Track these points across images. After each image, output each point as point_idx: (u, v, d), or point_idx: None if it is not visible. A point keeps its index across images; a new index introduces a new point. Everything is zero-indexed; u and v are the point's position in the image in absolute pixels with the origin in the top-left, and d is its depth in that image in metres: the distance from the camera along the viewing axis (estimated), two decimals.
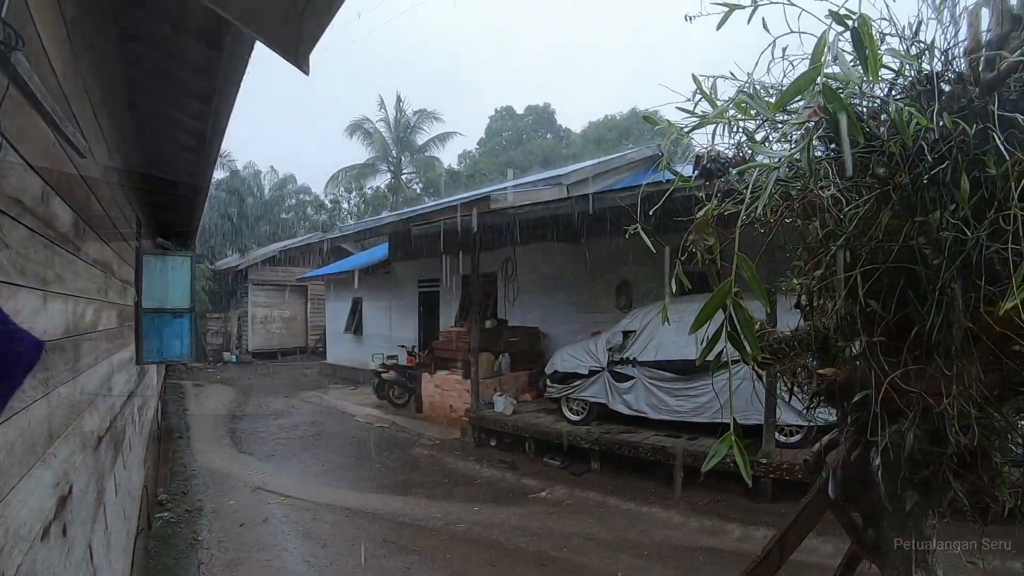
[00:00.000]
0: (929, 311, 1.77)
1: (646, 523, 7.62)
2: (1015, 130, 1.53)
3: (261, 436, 12.90)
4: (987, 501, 2.12)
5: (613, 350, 10.17)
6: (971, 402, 1.81)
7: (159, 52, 3.87)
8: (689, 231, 1.94)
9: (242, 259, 29.31)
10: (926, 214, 1.71)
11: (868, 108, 1.86)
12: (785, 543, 2.75)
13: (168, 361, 7.60)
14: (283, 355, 28.71)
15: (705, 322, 1.54)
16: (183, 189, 6.79)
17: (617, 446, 9.50)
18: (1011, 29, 1.75)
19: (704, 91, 2.05)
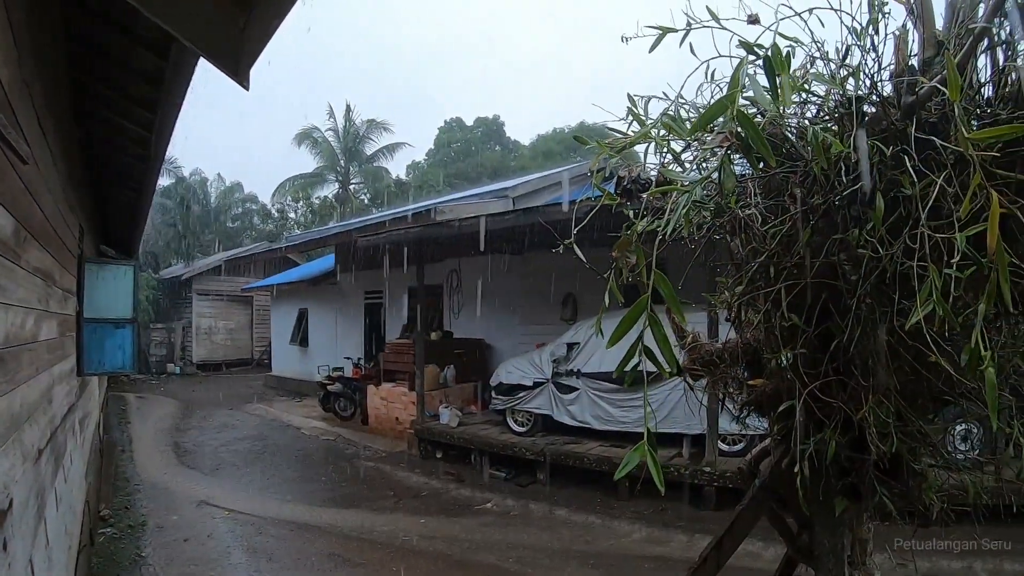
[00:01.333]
0: (848, 324, 1.83)
1: (593, 533, 7.67)
2: (932, 152, 1.59)
3: (205, 450, 12.65)
4: (915, 505, 2.21)
5: (557, 362, 10.25)
6: (889, 412, 1.88)
7: (107, 59, 3.81)
8: (613, 248, 1.98)
9: (187, 268, 28.67)
10: (846, 231, 1.78)
11: (796, 128, 1.93)
12: (721, 549, 2.80)
13: (110, 372, 7.39)
14: (228, 367, 28.10)
15: (620, 338, 1.57)
16: (127, 196, 6.64)
17: (563, 457, 9.56)
18: (935, 54, 1.82)
19: (634, 111, 2.09)
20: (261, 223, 40.69)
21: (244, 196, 41.31)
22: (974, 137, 1.37)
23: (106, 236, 8.84)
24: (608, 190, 2.34)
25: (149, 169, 5.69)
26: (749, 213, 1.89)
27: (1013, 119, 1.58)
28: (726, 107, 1.46)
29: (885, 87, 1.89)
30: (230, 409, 17.75)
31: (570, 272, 11.38)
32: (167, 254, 31.44)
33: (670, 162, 2.18)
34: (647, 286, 1.58)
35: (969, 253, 1.40)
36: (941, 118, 1.68)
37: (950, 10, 1.91)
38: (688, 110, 2.05)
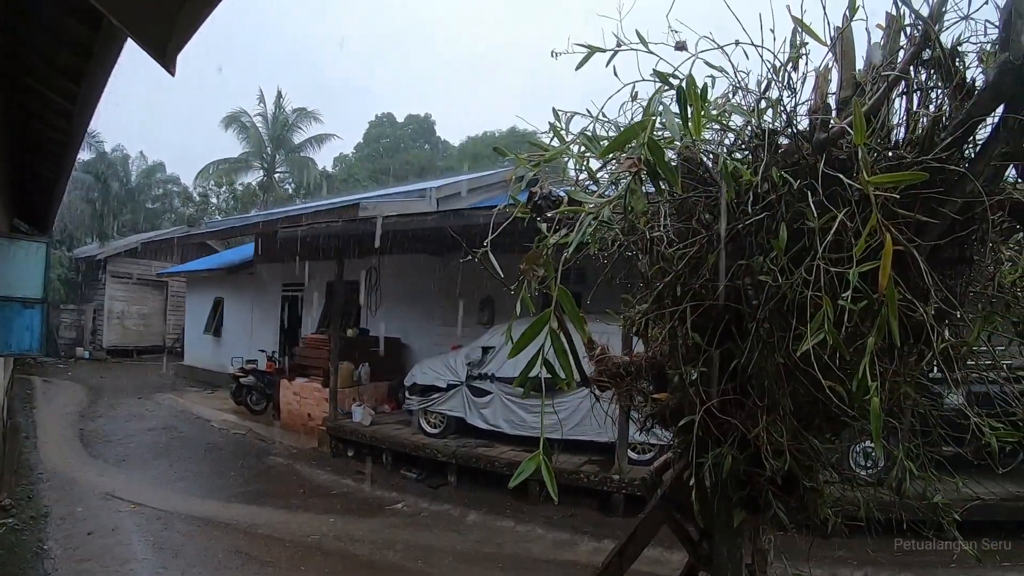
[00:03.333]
0: (748, 346, 1.88)
1: (502, 536, 7.71)
2: (838, 188, 1.64)
3: (113, 439, 12.17)
4: (811, 519, 2.29)
5: (472, 365, 10.28)
6: (783, 431, 1.94)
7: (34, 23, 3.60)
8: (522, 261, 1.98)
9: (102, 248, 27.22)
10: (751, 258, 1.82)
11: (711, 154, 1.97)
12: (624, 555, 2.86)
13: (16, 354, 7.01)
14: (139, 353, 26.87)
15: (522, 349, 1.59)
16: (45, 169, 6.28)
17: (474, 460, 9.58)
18: (852, 94, 1.88)
19: (557, 125, 2.11)
20: (181, 206, 39.21)
21: (166, 177, 39.87)
22: (874, 181, 1.43)
23: (20, 210, 8.34)
24: (522, 201, 2.35)
25: (70, 143, 5.45)
26: (657, 235, 1.92)
27: (917, 163, 1.66)
28: (638, 133, 1.48)
29: (801, 122, 1.95)
30: (140, 398, 17.09)
31: (488, 276, 11.34)
32: (82, 232, 29.73)
33: (586, 179, 2.21)
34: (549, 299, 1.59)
35: (861, 288, 1.45)
36: (850, 156, 1.74)
37: (870, 54, 1.97)
38: (608, 128, 2.08)
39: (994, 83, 1.64)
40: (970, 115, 1.68)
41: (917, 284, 1.60)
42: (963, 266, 1.85)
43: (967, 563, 6.29)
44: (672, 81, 1.65)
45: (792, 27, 1.91)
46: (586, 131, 2.00)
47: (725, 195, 1.83)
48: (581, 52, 2.02)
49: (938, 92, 1.84)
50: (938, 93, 1.84)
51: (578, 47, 2.02)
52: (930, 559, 6.50)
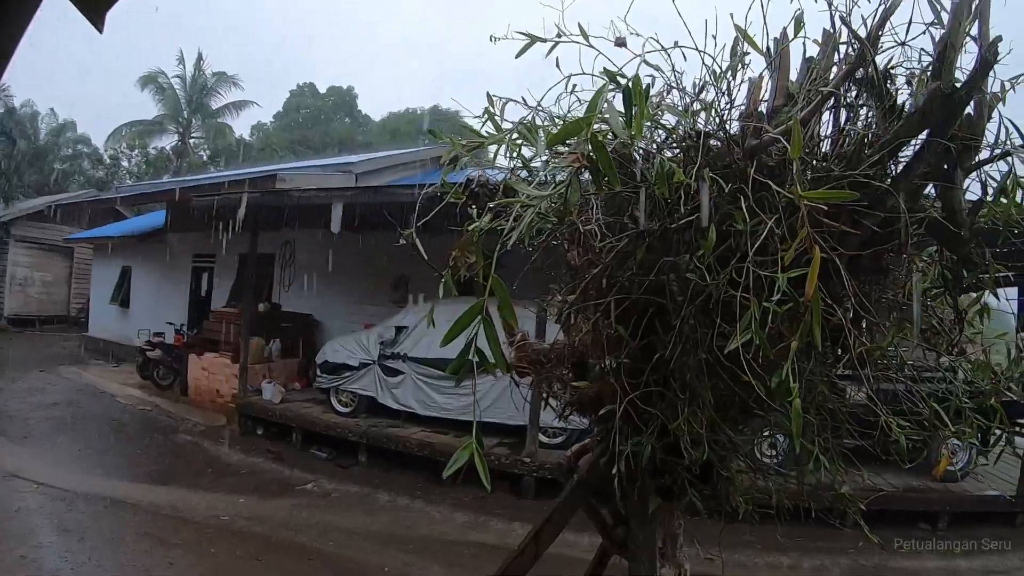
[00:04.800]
0: (672, 341, 1.93)
1: (413, 517, 7.72)
2: (766, 193, 1.70)
3: (13, 415, 11.49)
4: (723, 505, 2.40)
5: (385, 344, 10.19)
6: (702, 422, 2.00)
7: None
8: (454, 247, 1.97)
9: (6, 210, 25.38)
10: (678, 255, 1.86)
11: (644, 151, 2.00)
12: (540, 539, 2.88)
13: None
14: (42, 323, 25.18)
15: (454, 337, 1.59)
16: None
17: (385, 440, 9.54)
18: (784, 104, 1.96)
19: (491, 112, 2.10)
20: (92, 169, 36.91)
21: (76, 137, 37.28)
22: (807, 195, 1.48)
23: None
24: (454, 184, 2.33)
25: None
26: (589, 228, 1.94)
27: (844, 176, 1.75)
28: (581, 128, 1.49)
29: (734, 126, 2.01)
30: (42, 371, 16.09)
31: (404, 255, 11.21)
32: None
33: (520, 167, 2.21)
34: (484, 287, 1.58)
35: (788, 293, 1.51)
36: (779, 164, 1.81)
37: (805, 66, 2.06)
38: (544, 119, 2.08)
39: (923, 108, 1.73)
40: (897, 135, 1.78)
41: (836, 290, 1.68)
42: (878, 275, 1.96)
43: (867, 550, 6.84)
44: (619, 80, 1.67)
45: (735, 35, 1.96)
46: (525, 121, 1.99)
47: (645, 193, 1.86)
48: (519, 39, 2.01)
49: (867, 111, 1.93)
50: (867, 111, 1.94)
51: (518, 34, 2.02)
52: (832, 546, 7.02)
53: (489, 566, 6.00)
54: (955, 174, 1.81)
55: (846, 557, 7.01)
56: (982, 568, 7.17)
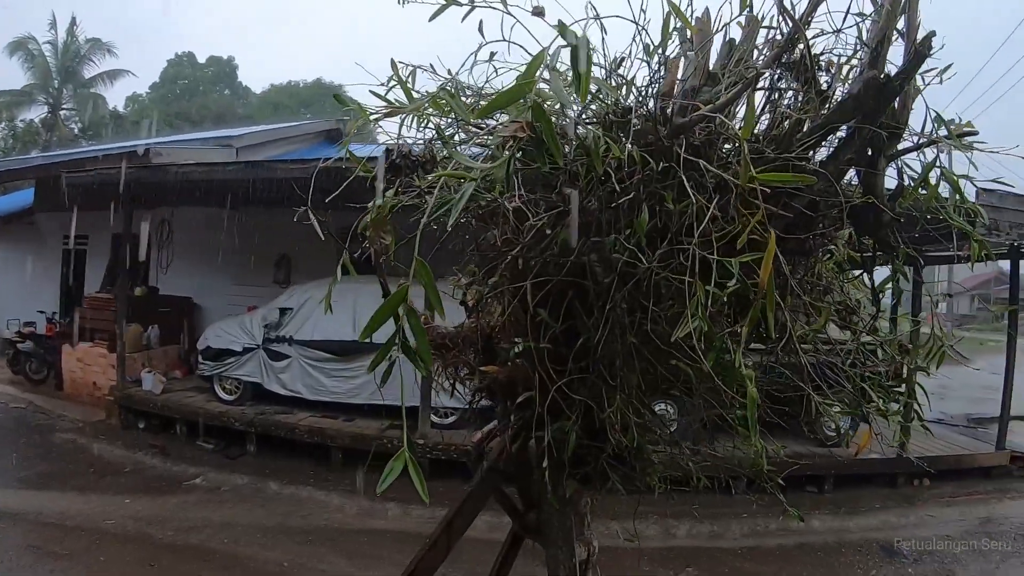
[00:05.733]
0: (596, 324, 1.88)
1: (307, 507, 7.53)
2: (695, 173, 1.67)
3: None
4: (638, 486, 2.40)
5: (269, 327, 9.85)
6: (630, 407, 1.98)
7: None
8: (367, 226, 1.83)
9: None
10: (600, 235, 1.80)
11: (561, 129, 1.93)
12: (452, 529, 2.81)
13: None
14: None
15: (375, 329, 1.48)
16: None
17: (273, 427, 9.26)
18: (704, 84, 1.93)
19: (401, 79, 1.98)
20: None
21: None
22: (761, 178, 1.45)
23: None
24: (360, 156, 2.19)
25: None
26: (515, 206, 1.85)
27: (778, 159, 1.76)
28: (523, 93, 1.38)
29: (651, 104, 1.97)
30: None
31: (286, 232, 10.79)
32: None
33: (435, 139, 2.10)
34: (401, 268, 1.46)
35: (741, 280, 1.47)
36: (705, 143, 1.79)
37: (726, 48, 2.04)
38: (453, 88, 1.98)
39: (857, 95, 1.78)
40: (829, 120, 1.82)
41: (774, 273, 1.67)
42: (803, 257, 1.98)
43: (758, 514, 7.36)
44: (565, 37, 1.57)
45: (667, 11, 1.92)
46: (447, 88, 1.87)
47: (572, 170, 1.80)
48: (434, 3, 1.87)
49: (795, 95, 1.96)
50: (795, 96, 1.96)
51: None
52: (726, 511, 7.47)
53: (390, 553, 6.04)
54: (879, 161, 1.87)
55: (738, 521, 7.45)
56: (866, 526, 7.86)
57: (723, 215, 1.60)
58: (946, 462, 9.32)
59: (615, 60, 2.04)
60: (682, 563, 6.54)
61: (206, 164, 10.00)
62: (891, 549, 7.22)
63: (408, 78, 2.02)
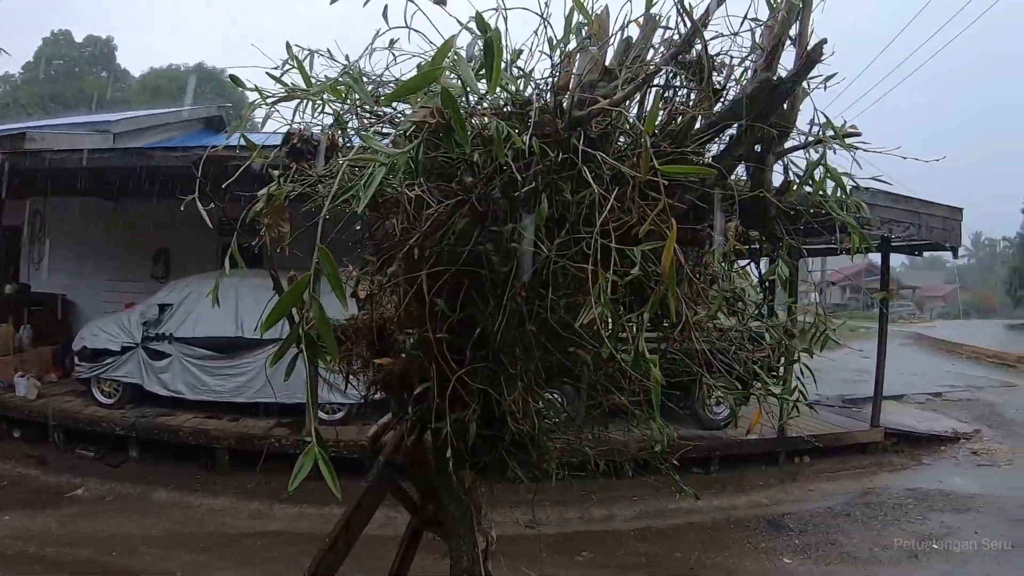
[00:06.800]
0: (493, 313, 1.89)
1: (197, 513, 7.27)
2: (592, 164, 1.70)
3: None
4: (535, 473, 2.45)
5: (148, 325, 9.38)
6: (530, 394, 2.01)
7: None
8: (259, 214, 1.78)
9: None
10: (497, 225, 1.82)
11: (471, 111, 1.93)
12: (351, 527, 2.78)
13: None
14: None
15: (277, 320, 1.44)
16: None
17: (156, 431, 8.84)
18: (600, 79, 1.97)
19: (299, 63, 1.94)
20: None
21: None
22: (664, 170, 1.49)
23: None
24: (255, 143, 2.12)
25: None
26: (416, 194, 1.84)
27: (673, 153, 1.82)
28: (432, 79, 1.37)
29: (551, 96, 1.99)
30: None
31: (165, 225, 10.18)
32: None
33: (333, 124, 2.06)
34: (294, 257, 1.43)
35: (643, 268, 1.52)
36: (601, 136, 1.83)
37: (623, 45, 2.09)
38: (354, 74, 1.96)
39: (752, 95, 1.87)
40: (723, 118, 1.91)
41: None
42: (694, 247, 2.07)
43: (648, 496, 7.70)
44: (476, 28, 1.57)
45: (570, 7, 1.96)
46: (350, 73, 1.84)
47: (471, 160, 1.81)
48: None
49: (690, 93, 2.04)
50: (690, 94, 2.04)
51: None
52: (616, 495, 7.74)
53: (287, 555, 5.88)
54: (767, 158, 1.97)
55: (629, 504, 7.74)
56: (752, 502, 8.36)
57: (620, 206, 1.65)
58: (825, 440, 9.92)
59: (515, 52, 2.07)
60: (577, 547, 6.73)
61: (81, 151, 9.35)
62: (777, 523, 7.70)
63: (305, 62, 1.98)
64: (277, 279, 2.08)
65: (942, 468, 10.16)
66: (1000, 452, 10.90)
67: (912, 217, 9.63)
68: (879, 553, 6.94)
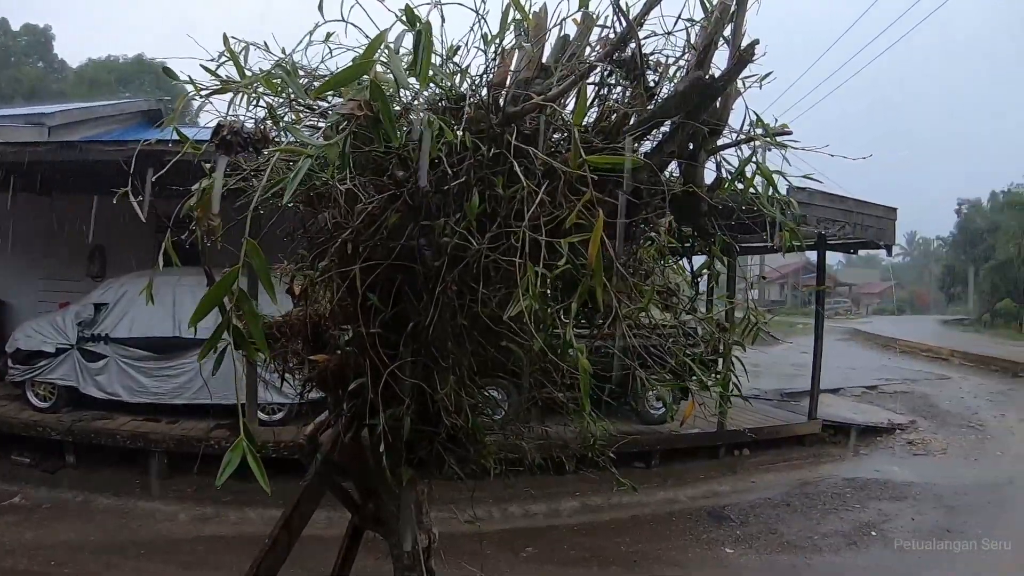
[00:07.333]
0: (426, 308, 1.90)
1: (137, 519, 7.08)
2: (525, 160, 1.71)
3: None
4: (473, 468, 2.45)
5: (83, 325, 9.10)
6: (463, 388, 2.02)
7: None
8: (195, 207, 1.75)
9: None
10: (430, 219, 1.82)
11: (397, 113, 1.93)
12: (290, 527, 2.74)
13: None
14: None
15: (205, 314, 1.43)
16: None
17: (93, 435, 8.55)
18: (537, 76, 1.98)
19: (234, 54, 1.91)
20: None
21: None
22: (592, 161, 1.50)
23: None
24: (188, 136, 2.08)
25: None
26: (347, 188, 1.83)
27: (605, 148, 1.85)
28: (362, 72, 1.36)
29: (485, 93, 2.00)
30: None
31: (101, 222, 9.95)
32: None
33: (266, 117, 2.03)
34: (230, 253, 1.41)
35: (570, 260, 1.53)
36: (535, 132, 1.84)
37: (561, 43, 2.11)
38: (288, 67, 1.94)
39: (683, 93, 1.91)
40: (655, 115, 1.95)
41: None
42: (627, 242, 2.09)
43: (590, 491, 7.82)
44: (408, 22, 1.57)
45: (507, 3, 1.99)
46: (284, 66, 1.82)
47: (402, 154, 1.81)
48: None
49: (623, 90, 2.07)
50: (623, 91, 2.07)
51: None
52: (559, 491, 7.83)
53: (230, 559, 5.79)
54: (699, 155, 2.02)
55: (572, 499, 7.83)
56: (693, 495, 8.55)
57: (552, 200, 1.66)
58: (764, 433, 10.23)
59: (452, 48, 2.07)
60: (522, 543, 6.78)
61: (14, 144, 9.14)
62: (719, 514, 7.89)
63: (242, 54, 1.96)
64: (211, 275, 2.04)
65: (879, 458, 10.54)
66: (935, 442, 11.35)
67: (848, 216, 9.93)
68: (819, 541, 7.16)
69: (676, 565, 6.62)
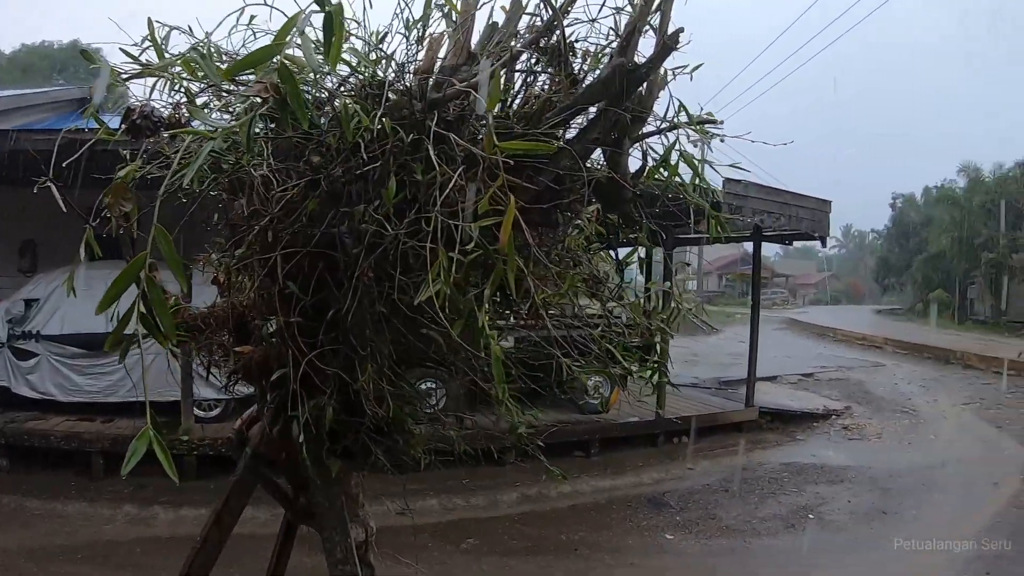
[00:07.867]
0: (346, 295, 1.88)
1: (73, 522, 6.89)
2: (446, 146, 1.71)
3: None
4: (403, 459, 2.42)
5: (14, 322, 8.81)
6: (384, 378, 2.01)
7: None
8: (105, 193, 1.70)
9: None
10: (351, 206, 1.81)
11: (314, 97, 1.91)
12: (221, 524, 2.69)
13: None
14: None
15: (114, 300, 1.42)
16: None
17: (25, 436, 8.29)
18: (464, 63, 1.98)
19: (155, 38, 1.86)
20: None
21: None
22: (503, 147, 1.51)
23: None
24: (107, 123, 2.02)
25: None
26: (262, 174, 1.80)
27: (525, 135, 1.85)
28: (271, 55, 1.34)
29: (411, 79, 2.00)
30: None
31: (32, 215, 9.53)
32: None
33: (185, 102, 1.99)
34: (135, 241, 1.38)
35: (481, 244, 1.53)
36: (458, 118, 1.85)
37: (489, 30, 2.10)
38: (214, 53, 1.90)
39: (606, 79, 1.90)
40: (577, 102, 1.93)
41: (516, 242, 1.76)
42: (548, 229, 2.11)
43: (529, 482, 7.85)
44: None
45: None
46: (199, 48, 1.78)
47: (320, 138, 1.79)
48: None
49: (548, 76, 2.07)
50: (548, 77, 2.07)
51: None
52: (497, 482, 7.85)
53: (166, 560, 5.64)
54: (623, 142, 2.03)
55: (512, 490, 7.84)
56: (633, 483, 8.68)
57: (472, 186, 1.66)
58: (702, 420, 10.41)
59: (377, 34, 2.05)
60: (462, 534, 6.79)
61: None
62: (658, 501, 8.01)
63: (164, 40, 1.92)
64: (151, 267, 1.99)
65: (815, 443, 10.85)
66: (870, 427, 11.73)
67: (783, 208, 10.16)
68: (757, 525, 7.33)
69: (617, 552, 6.70)
